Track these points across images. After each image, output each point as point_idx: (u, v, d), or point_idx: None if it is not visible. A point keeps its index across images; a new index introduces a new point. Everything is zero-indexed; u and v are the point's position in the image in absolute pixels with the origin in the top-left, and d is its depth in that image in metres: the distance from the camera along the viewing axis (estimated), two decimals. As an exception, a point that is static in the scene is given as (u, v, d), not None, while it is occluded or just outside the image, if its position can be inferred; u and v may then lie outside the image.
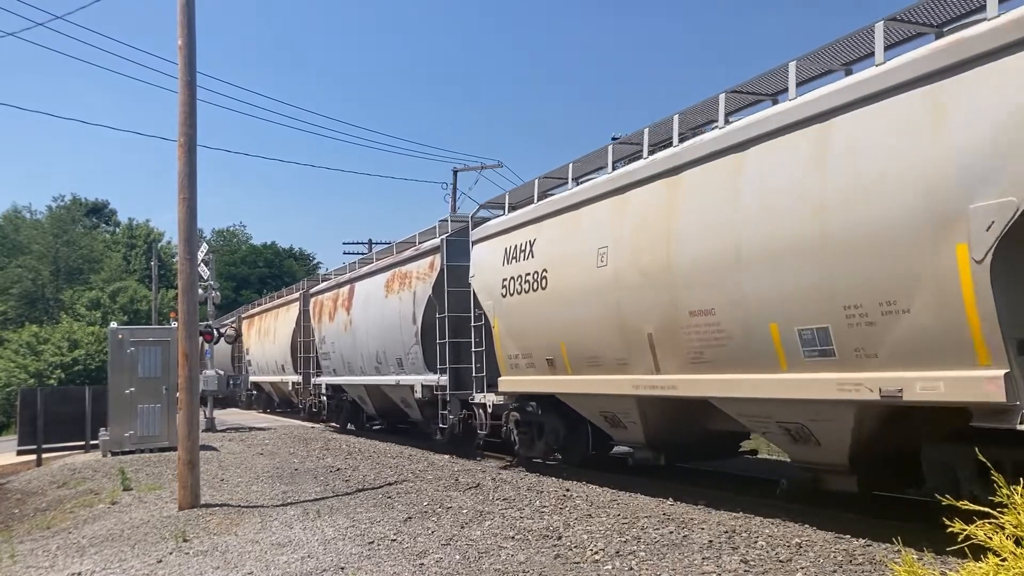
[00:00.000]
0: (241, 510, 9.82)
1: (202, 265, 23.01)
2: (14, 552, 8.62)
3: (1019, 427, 5.72)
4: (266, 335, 29.88)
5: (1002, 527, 3.86)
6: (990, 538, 3.83)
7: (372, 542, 7.60)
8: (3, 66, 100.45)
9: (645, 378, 9.35)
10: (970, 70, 5.87)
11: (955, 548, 3.95)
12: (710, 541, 6.90)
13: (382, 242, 31.04)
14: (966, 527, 3.95)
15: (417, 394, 15.77)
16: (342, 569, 6.69)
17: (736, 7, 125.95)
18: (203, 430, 15.59)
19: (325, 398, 23.02)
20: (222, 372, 25.84)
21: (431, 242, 15.48)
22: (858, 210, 6.60)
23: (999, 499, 4.02)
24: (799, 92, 7.64)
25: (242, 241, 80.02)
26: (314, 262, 76.15)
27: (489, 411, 13.34)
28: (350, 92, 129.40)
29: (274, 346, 28.28)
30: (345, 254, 56.41)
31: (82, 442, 19.12)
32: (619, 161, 10.44)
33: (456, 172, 34.91)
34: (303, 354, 24.31)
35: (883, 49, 6.74)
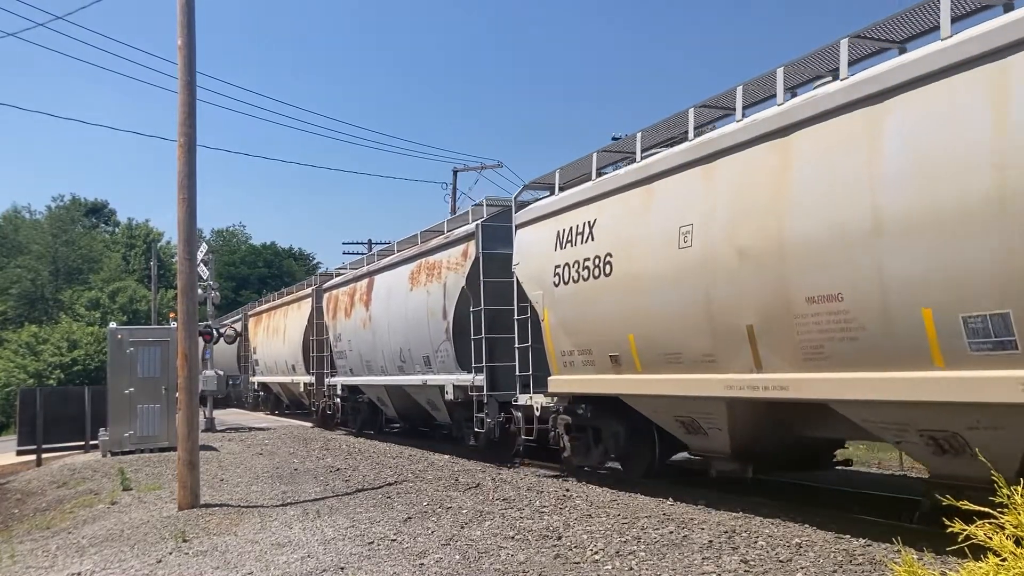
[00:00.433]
0: (241, 510, 9.82)
1: (202, 265, 23.02)
2: (14, 552, 8.62)
3: None
4: (275, 334, 28.60)
5: (1002, 527, 3.86)
6: (990, 538, 3.83)
7: (372, 542, 7.60)
8: (3, 66, 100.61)
9: (742, 377, 8.04)
10: None
11: (955, 548, 3.95)
12: (710, 541, 6.90)
13: (382, 242, 31.04)
14: (966, 527, 3.95)
15: (448, 395, 14.53)
16: (342, 569, 6.69)
17: (736, 6, 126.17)
18: (203, 430, 15.58)
19: (339, 399, 21.86)
20: (222, 372, 25.81)
21: (464, 228, 14.18)
22: None
23: (999, 499, 4.02)
24: (954, 30, 6.27)
25: (242, 241, 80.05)
26: (314, 262, 76.27)
27: (537, 414, 12.02)
28: (350, 92, 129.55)
29: (284, 345, 27.09)
30: (345, 254, 56.39)
31: (82, 442, 19.14)
32: (701, 127, 9.23)
33: (456, 172, 35.01)
34: (316, 353, 23.13)
35: None
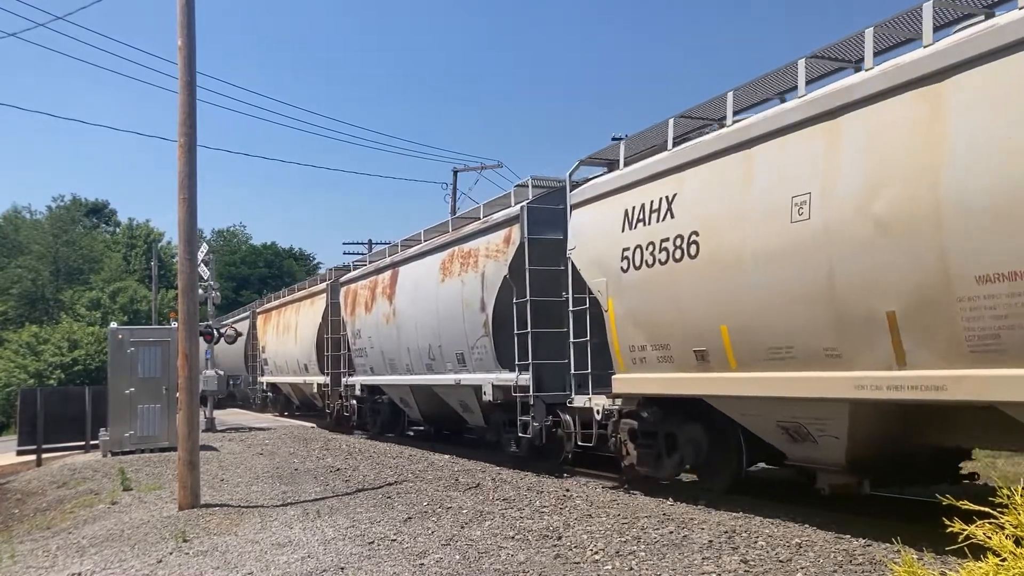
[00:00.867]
0: (241, 510, 9.82)
1: (202, 265, 23.04)
2: (14, 552, 8.63)
3: None
4: (285, 332, 26.79)
5: (1002, 527, 3.86)
6: (990, 538, 3.83)
7: (372, 542, 7.61)
8: (3, 66, 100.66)
9: (879, 375, 6.79)
10: None
11: (955, 548, 3.95)
12: (710, 541, 6.91)
13: (382, 242, 30.96)
14: (966, 527, 3.95)
15: (487, 396, 13.07)
16: (342, 569, 6.69)
17: (736, 6, 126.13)
18: (203, 430, 15.59)
19: (355, 401, 20.36)
20: (222, 372, 25.79)
21: (505, 211, 12.77)
22: None
23: (999, 499, 4.02)
24: None
25: (242, 241, 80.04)
26: (314, 262, 76.31)
27: (598, 418, 10.83)
28: (350, 92, 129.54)
29: (295, 344, 25.46)
30: (345, 254, 56.54)
31: (82, 442, 19.15)
32: (813, 82, 8.02)
33: (456, 172, 35.04)
34: (331, 352, 21.55)
35: None
